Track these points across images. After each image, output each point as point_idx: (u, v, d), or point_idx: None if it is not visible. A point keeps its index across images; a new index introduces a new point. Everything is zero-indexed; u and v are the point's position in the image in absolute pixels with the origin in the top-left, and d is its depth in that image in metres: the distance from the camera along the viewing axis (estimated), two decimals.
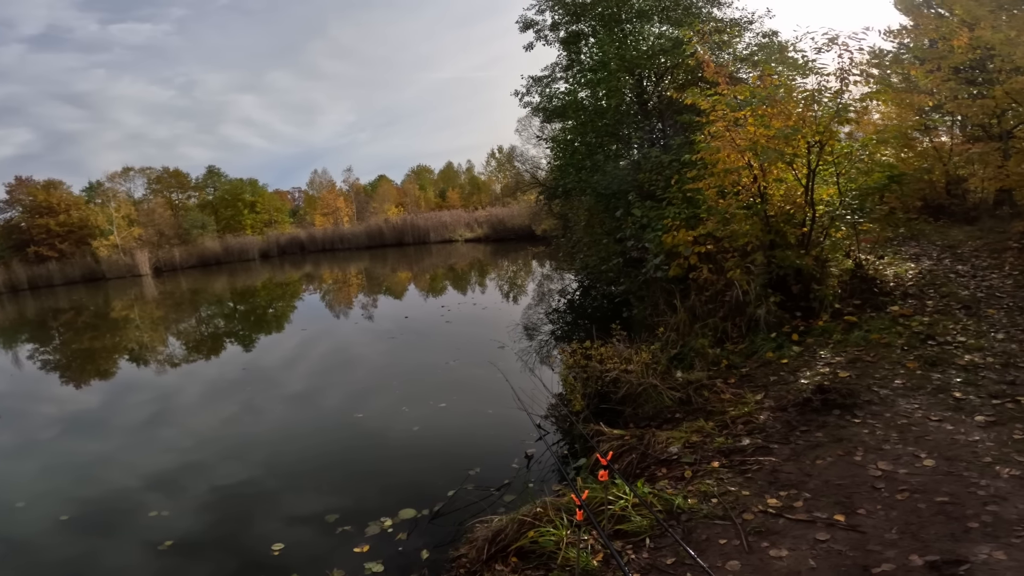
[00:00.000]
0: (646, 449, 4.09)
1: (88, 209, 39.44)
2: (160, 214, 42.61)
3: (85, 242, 37.93)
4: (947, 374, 4.25)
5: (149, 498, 5.18)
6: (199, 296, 24.38)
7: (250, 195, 48.24)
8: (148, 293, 27.01)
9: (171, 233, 41.87)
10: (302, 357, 10.93)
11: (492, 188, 55.75)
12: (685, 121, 8.41)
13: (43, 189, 38.19)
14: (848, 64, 5.96)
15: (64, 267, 35.92)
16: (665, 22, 12.31)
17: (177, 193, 46.53)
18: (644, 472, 3.88)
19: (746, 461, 3.50)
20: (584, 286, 13.98)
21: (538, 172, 26.85)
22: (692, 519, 2.98)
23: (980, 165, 10.67)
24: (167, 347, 13.58)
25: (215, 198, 47.49)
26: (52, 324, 20.09)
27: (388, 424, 6.44)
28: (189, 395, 9.01)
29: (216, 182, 48.17)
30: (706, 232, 6.19)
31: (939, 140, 12.93)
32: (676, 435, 4.10)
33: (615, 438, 4.33)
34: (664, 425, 4.56)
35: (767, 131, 5.75)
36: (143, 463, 6.12)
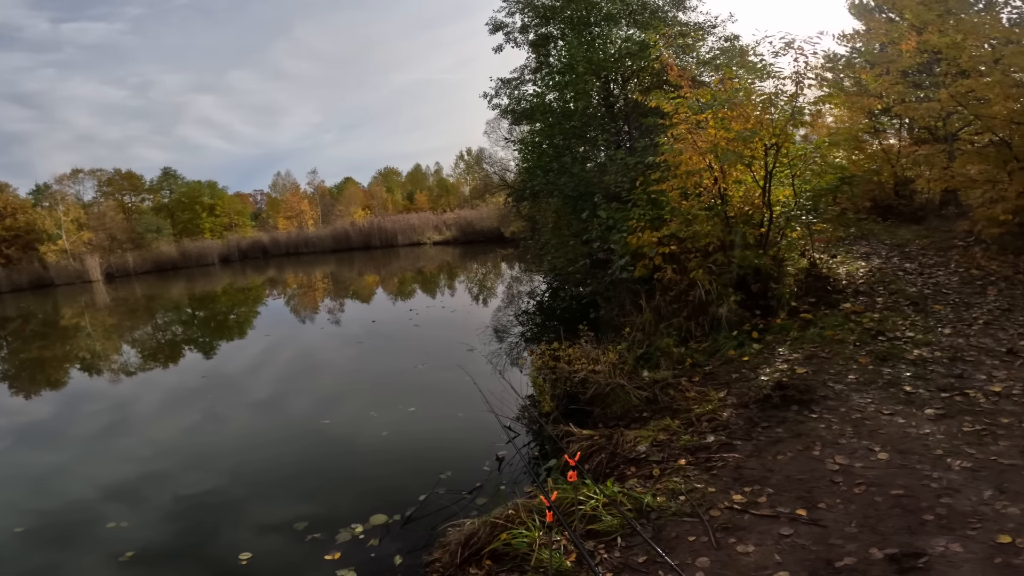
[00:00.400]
0: (615, 448, 4.14)
1: (35, 213, 37.55)
2: (112, 218, 40.88)
3: (32, 247, 36.09)
4: (897, 369, 4.44)
5: (108, 509, 4.96)
6: (155, 302, 23.49)
7: (209, 198, 46.77)
8: (100, 300, 25.86)
9: (124, 237, 40.21)
10: (266, 363, 10.65)
11: (461, 190, 55.55)
12: (649, 124, 8.56)
13: None
14: (803, 68, 6.19)
15: (10, 273, 34.05)
16: (632, 26, 12.51)
17: (130, 196, 44.76)
18: (614, 471, 3.92)
19: (711, 458, 3.59)
20: (553, 288, 14.08)
21: (507, 174, 26.94)
22: (661, 517, 3.03)
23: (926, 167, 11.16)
24: (121, 355, 13.04)
25: (171, 201, 45.86)
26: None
27: (357, 429, 6.35)
28: (147, 404, 8.68)
29: (172, 184, 46.52)
30: (670, 233, 6.33)
31: (888, 142, 13.51)
32: (644, 434, 4.16)
33: (584, 438, 4.36)
34: (632, 424, 4.63)
35: (727, 134, 5.93)
36: (100, 474, 5.87)
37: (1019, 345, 4.60)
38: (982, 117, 7.44)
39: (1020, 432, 3.31)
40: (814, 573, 2.40)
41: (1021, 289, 6.01)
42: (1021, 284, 6.14)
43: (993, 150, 7.59)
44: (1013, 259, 6.92)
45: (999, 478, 2.88)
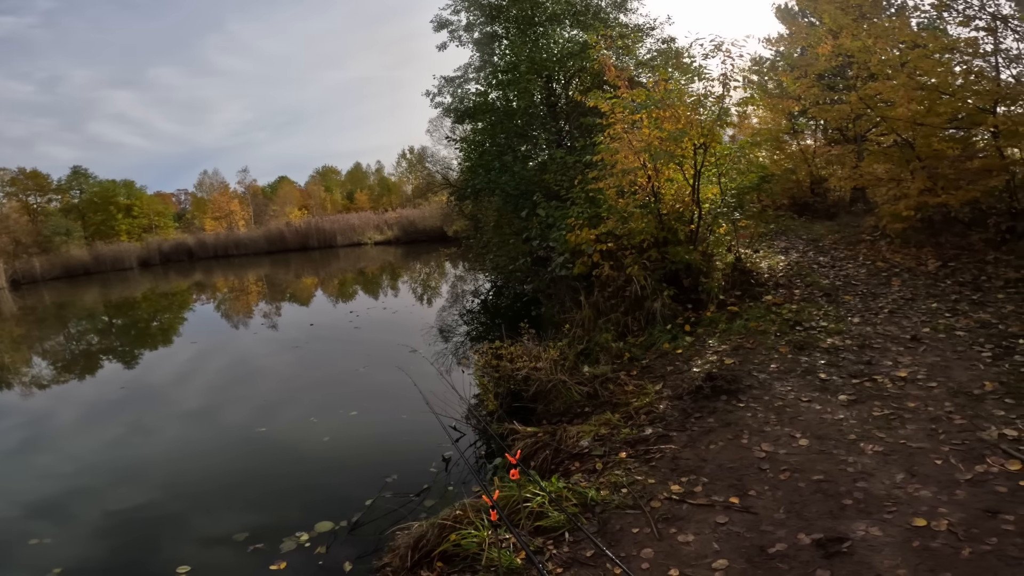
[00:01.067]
0: (559, 444, 4.20)
1: None
2: (16, 220, 37.17)
3: None
4: (813, 357, 4.74)
5: (29, 526, 4.59)
6: (66, 310, 21.62)
7: (125, 198, 43.47)
8: (5, 309, 23.50)
9: (29, 241, 36.67)
10: (195, 372, 10.06)
11: (403, 189, 54.53)
12: (588, 123, 8.74)
13: None
14: (730, 70, 6.52)
15: None
16: (576, 26, 12.69)
17: (36, 196, 40.90)
18: (559, 467, 3.98)
19: (650, 450, 3.69)
20: (496, 286, 14.11)
21: (449, 173, 26.73)
22: (606, 510, 3.10)
23: (838, 166, 12.00)
24: (32, 368, 11.93)
25: (82, 201, 42.28)
26: None
27: (297, 436, 6.13)
28: (63, 419, 8.00)
29: (83, 184, 42.90)
30: (607, 230, 6.50)
31: (805, 143, 14.44)
32: (586, 429, 4.25)
33: (529, 435, 4.41)
34: (574, 420, 4.70)
35: (660, 133, 6.15)
36: (17, 490, 5.42)
37: (922, 332, 4.99)
38: (887, 119, 7.96)
39: (926, 416, 3.56)
40: (750, 560, 2.51)
41: (923, 280, 6.53)
42: (923, 275, 6.69)
43: (897, 150, 8.16)
44: (915, 252, 7.55)
45: (909, 461, 3.07)
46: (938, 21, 9.57)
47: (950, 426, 3.40)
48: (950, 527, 2.50)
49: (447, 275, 20.70)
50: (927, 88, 7.11)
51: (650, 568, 2.59)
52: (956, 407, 3.62)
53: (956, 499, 2.70)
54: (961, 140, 7.71)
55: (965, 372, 4.11)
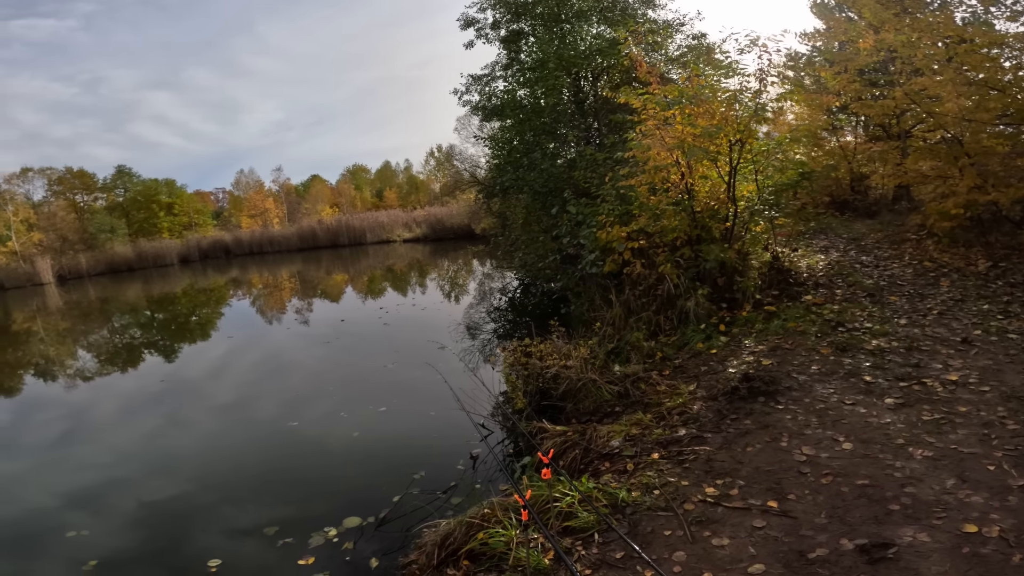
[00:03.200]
0: (588, 444, 4.14)
1: None
2: (63, 218, 38.95)
3: None
4: (857, 359, 4.56)
5: (68, 517, 4.74)
6: (110, 305, 22.52)
7: (166, 196, 44.99)
8: (52, 303, 24.64)
9: (76, 238, 38.38)
10: (230, 366, 10.34)
11: (431, 187, 55.04)
12: (618, 120, 8.62)
13: None
14: (767, 65, 6.33)
15: None
16: (603, 22, 12.58)
17: (82, 195, 42.66)
18: (588, 467, 3.92)
19: (683, 451, 3.61)
20: (524, 284, 14.08)
21: (477, 171, 26.80)
22: (636, 512, 3.03)
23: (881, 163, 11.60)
24: (77, 361, 12.45)
25: (126, 200, 43.92)
26: None
27: (327, 431, 6.22)
28: (105, 410, 8.31)
29: (127, 183, 44.56)
30: (638, 228, 6.39)
31: (845, 140, 13.97)
32: (616, 428, 4.18)
33: (558, 434, 4.37)
34: (605, 419, 4.64)
35: (693, 130, 6.01)
36: (58, 482, 5.60)
37: (973, 335, 4.77)
38: (934, 115, 7.69)
39: (977, 420, 3.41)
40: (787, 565, 2.43)
41: (972, 280, 6.25)
42: (972, 275, 6.41)
43: (944, 147, 7.87)
44: (964, 251, 7.23)
45: (960, 467, 2.95)
46: (985, 16, 9.17)
47: (1003, 431, 3.25)
48: (1001, 533, 2.39)
49: (475, 273, 20.78)
50: (976, 83, 6.81)
51: (682, 571, 2.52)
52: (1009, 412, 3.45)
53: (1008, 505, 2.59)
54: (1011, 136, 7.38)
55: (1018, 376, 3.92)
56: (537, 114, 11.79)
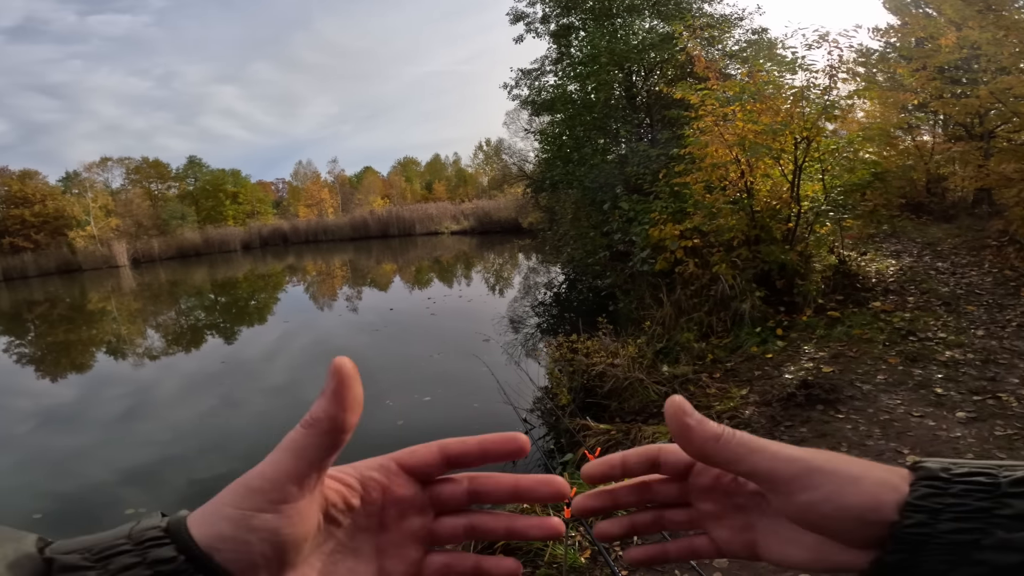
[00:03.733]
0: (632, 444, 4.09)
1: (64, 199, 38.46)
2: (138, 205, 41.71)
3: (61, 233, 37.02)
4: (928, 370, 4.30)
5: (126, 494, 5.04)
6: (178, 288, 23.93)
7: (232, 186, 47.42)
8: (125, 285, 26.44)
9: (150, 224, 41.03)
10: (284, 350, 10.77)
11: (479, 180, 55.54)
12: (673, 116, 8.39)
13: (18, 179, 37.14)
14: (837, 61, 5.99)
15: (39, 258, 35.02)
16: (655, 17, 12.32)
17: (156, 184, 45.53)
18: None
19: None
20: (570, 279, 13.98)
21: (525, 165, 26.79)
22: None
23: (960, 164, 10.83)
24: (145, 340, 13.30)
25: (196, 189, 46.57)
26: (27, 316, 19.57)
27: (372, 418, 6.36)
28: (167, 388, 8.83)
29: (197, 172, 47.23)
30: (692, 226, 6.20)
31: (921, 139, 13.11)
32: (663, 430, 4.10)
33: (601, 433, 4.32)
34: (650, 419, 4.56)
35: (755, 126, 5.76)
36: (119, 457, 5.96)
37: None
38: (1020, 115, 7.10)
39: None
40: None
41: None
42: None
43: None
44: None
45: None
46: None
47: None
48: None
49: (520, 266, 20.79)
50: None
51: None
52: None
53: None
54: None
55: None
56: (588, 109, 11.64)
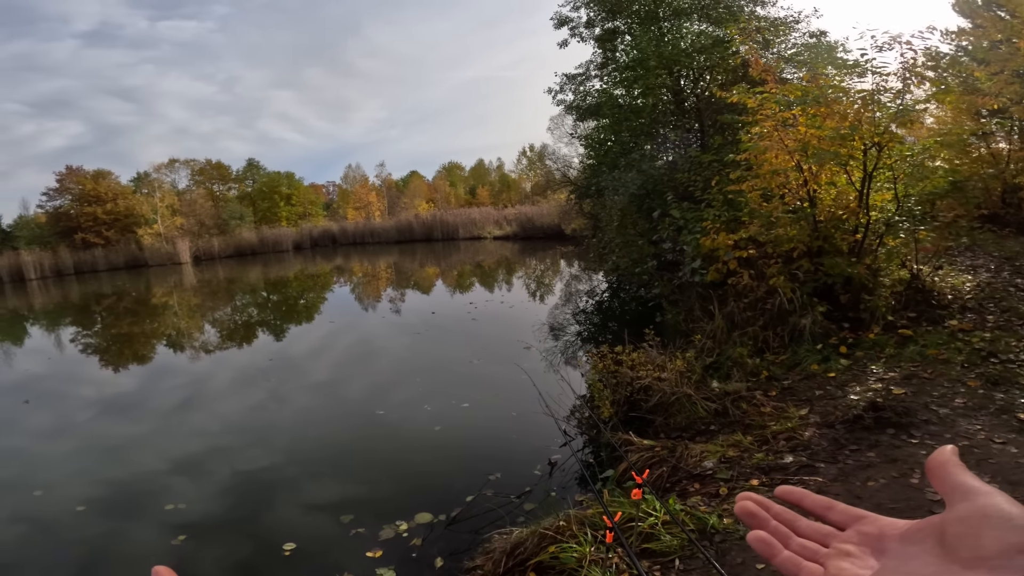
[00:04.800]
0: (677, 462, 3.88)
1: (134, 199, 40.86)
2: (201, 205, 43.89)
3: (130, 230, 39.35)
4: (1011, 394, 3.91)
5: (171, 485, 5.19)
6: (234, 285, 24.97)
7: (286, 188, 49.27)
8: (187, 281, 27.82)
9: (211, 223, 43.09)
10: (329, 348, 10.99)
11: (522, 186, 55.62)
12: (726, 121, 8.08)
13: (92, 179, 39.71)
14: (911, 63, 5.58)
15: (109, 254, 37.37)
16: (705, 20, 11.98)
17: (218, 184, 47.80)
18: (675, 487, 3.67)
19: (788, 480, 3.27)
20: (613, 288, 13.70)
21: (569, 171, 26.59)
22: (727, 540, 2.77)
23: None
24: (202, 334, 13.88)
25: (254, 190, 48.63)
26: (94, 308, 20.84)
27: (410, 422, 6.34)
28: (219, 381, 9.15)
29: (255, 175, 49.33)
30: (748, 236, 5.88)
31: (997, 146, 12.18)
32: (711, 449, 3.87)
33: (644, 449, 4.12)
34: (697, 437, 4.34)
35: (819, 131, 5.42)
36: (169, 447, 6.18)
37: None
38: None
39: None
40: None
41: None
42: None
43: None
44: None
45: None
46: None
47: None
48: None
49: (562, 273, 20.59)
50: None
51: None
52: None
53: None
54: None
55: None
56: (635, 114, 11.39)
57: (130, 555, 4.13)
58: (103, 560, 4.13)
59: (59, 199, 39.62)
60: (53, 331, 16.59)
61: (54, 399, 8.82)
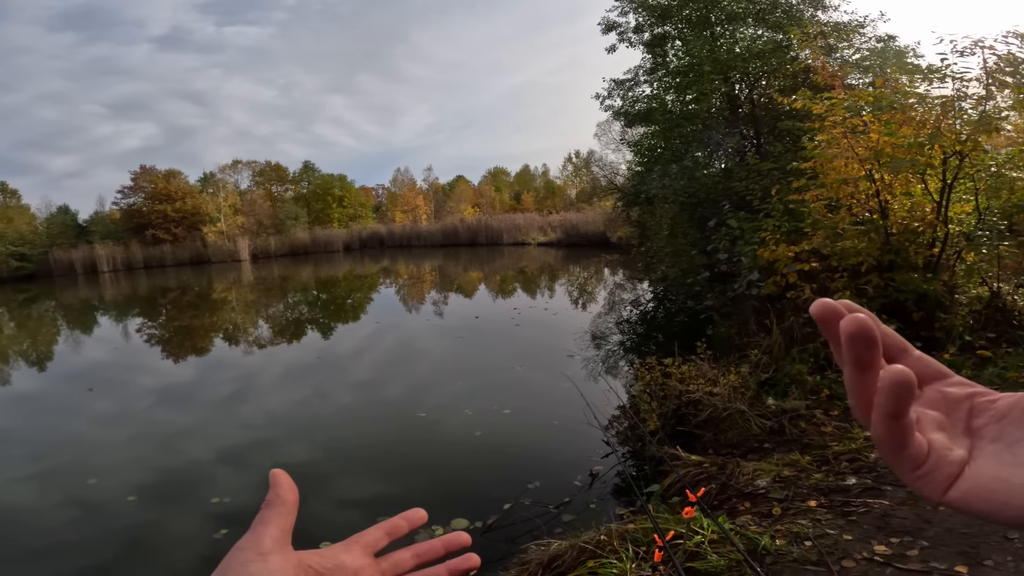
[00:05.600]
0: (728, 479, 3.71)
1: (200, 198, 43.23)
2: (260, 205, 45.98)
3: (196, 228, 41.65)
4: None
5: (218, 473, 5.36)
6: (287, 283, 25.94)
7: (339, 190, 50.96)
8: (245, 278, 29.13)
9: (268, 223, 45.07)
10: (373, 348, 11.18)
11: (567, 193, 55.41)
12: (787, 127, 7.75)
13: (163, 178, 42.32)
14: (994, 68, 5.17)
15: (176, 250, 39.68)
16: (761, 25, 11.58)
17: (276, 186, 49.98)
18: (723, 505, 3.51)
19: (850, 502, 3.08)
20: (659, 298, 13.37)
21: (616, 177, 26.28)
22: (778, 562, 2.63)
23: None
24: (256, 329, 14.44)
25: (308, 192, 50.56)
26: (160, 301, 22.10)
27: (450, 426, 6.33)
28: (268, 376, 9.44)
29: (310, 177, 51.30)
30: (810, 248, 5.57)
31: None
32: (765, 467, 3.68)
33: (692, 464, 3.97)
34: (749, 454, 4.14)
35: (893, 139, 5.08)
36: (218, 437, 6.40)
37: None
38: None
39: None
40: None
41: None
42: None
43: None
44: None
45: None
46: None
47: None
48: None
49: (606, 281, 20.29)
50: None
51: None
52: None
53: None
54: None
55: None
56: (688, 120, 11.10)
57: (174, 547, 4.21)
58: (147, 551, 4.21)
59: (133, 197, 42.46)
60: (120, 321, 17.69)
61: (116, 387, 9.30)
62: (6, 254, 34.91)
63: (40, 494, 5.20)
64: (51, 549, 4.25)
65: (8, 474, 5.73)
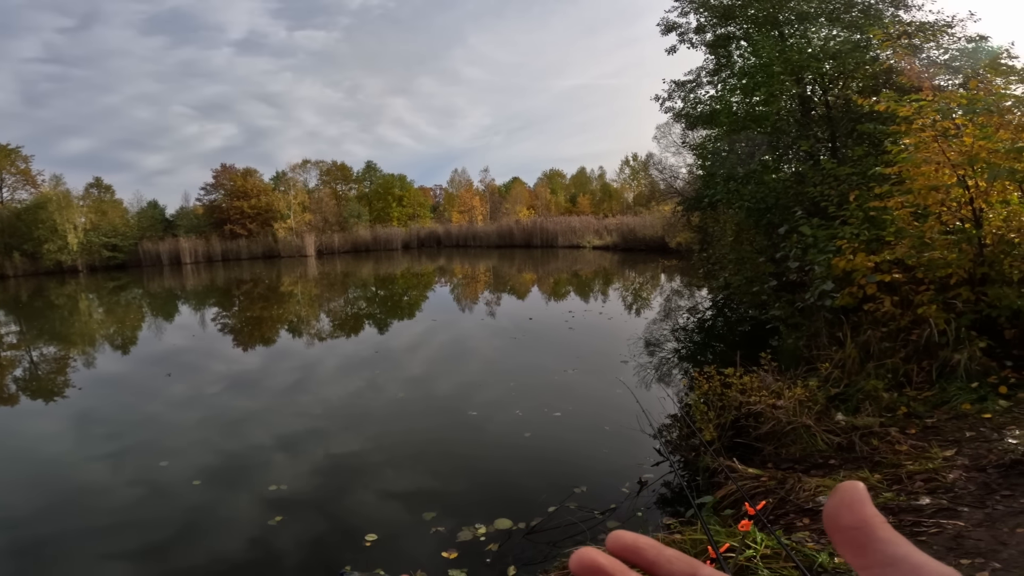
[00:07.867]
0: (787, 494, 3.55)
1: (273, 195, 45.75)
2: (326, 203, 48.12)
3: (269, 224, 44.12)
4: None
5: (275, 458, 5.62)
6: (349, 279, 26.97)
7: (399, 189, 52.54)
8: (310, 272, 30.54)
9: (333, 220, 47.09)
10: (428, 345, 11.41)
11: (624, 196, 54.51)
12: (868, 130, 7.28)
13: (241, 176, 45.06)
14: None
15: (250, 244, 42.19)
16: (835, 24, 10.95)
17: (341, 184, 52.13)
18: (780, 520, 3.37)
19: (922, 522, 2.92)
20: (719, 306, 12.90)
21: (676, 181, 25.60)
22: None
23: None
24: (318, 322, 15.09)
25: (370, 191, 52.40)
26: (235, 292, 23.52)
27: (499, 425, 6.35)
28: (327, 367, 9.83)
29: (373, 176, 53.16)
30: (893, 258, 5.20)
31: None
32: (829, 483, 3.51)
33: (749, 477, 3.81)
34: (812, 471, 3.93)
35: (989, 143, 4.67)
36: (277, 424, 6.68)
37: None
38: None
39: None
40: None
41: None
42: None
43: None
44: None
45: None
46: None
47: None
48: None
49: (662, 287, 19.79)
50: None
51: None
52: None
53: None
54: None
55: None
56: (756, 122, 10.65)
57: (230, 532, 4.36)
58: (206, 533, 4.37)
59: (214, 193, 45.43)
60: (199, 310, 18.96)
61: (191, 372, 9.94)
62: (100, 244, 38.22)
63: (115, 472, 5.58)
64: (118, 526, 4.49)
65: (88, 452, 6.22)
